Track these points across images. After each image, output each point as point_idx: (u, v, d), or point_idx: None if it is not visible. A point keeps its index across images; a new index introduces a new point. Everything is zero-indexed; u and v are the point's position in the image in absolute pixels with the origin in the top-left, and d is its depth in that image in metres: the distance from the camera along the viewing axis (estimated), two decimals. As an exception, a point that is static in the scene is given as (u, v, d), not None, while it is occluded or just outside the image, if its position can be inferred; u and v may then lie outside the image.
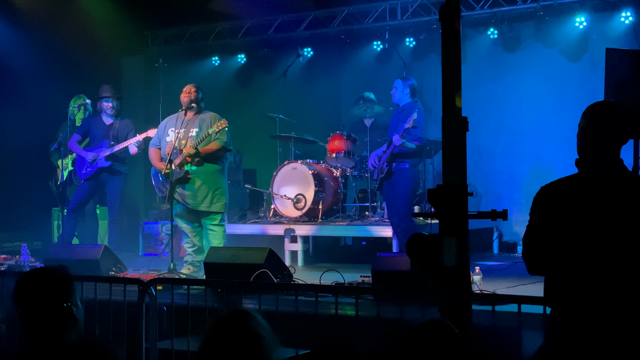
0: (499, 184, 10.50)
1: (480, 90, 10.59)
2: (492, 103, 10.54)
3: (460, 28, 3.76)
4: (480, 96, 10.59)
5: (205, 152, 7.38)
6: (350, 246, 10.39)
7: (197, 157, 7.38)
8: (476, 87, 10.57)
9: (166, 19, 11.82)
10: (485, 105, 10.56)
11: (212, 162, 7.50)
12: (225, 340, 2.36)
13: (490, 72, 10.55)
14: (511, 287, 6.43)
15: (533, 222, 3.31)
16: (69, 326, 2.86)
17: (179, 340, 4.67)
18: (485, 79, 10.54)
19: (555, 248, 3.23)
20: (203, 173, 7.47)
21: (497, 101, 10.54)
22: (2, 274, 5.68)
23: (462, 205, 3.59)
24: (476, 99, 10.57)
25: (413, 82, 8.03)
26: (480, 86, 10.59)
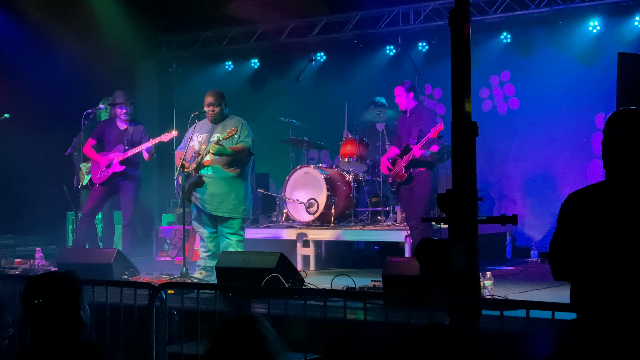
0: (512, 188, 10.47)
1: (493, 94, 10.58)
2: (505, 107, 10.52)
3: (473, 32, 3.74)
4: (493, 101, 10.58)
5: (232, 149, 7.38)
6: (363, 251, 10.38)
7: (221, 154, 7.35)
8: (489, 91, 10.57)
9: (180, 24, 11.88)
10: (498, 109, 10.54)
11: (232, 166, 7.50)
12: (231, 345, 2.37)
13: (503, 76, 10.52)
14: (523, 292, 6.40)
15: (560, 228, 3.30)
16: (77, 330, 2.88)
17: (189, 344, 4.68)
18: (498, 84, 10.52)
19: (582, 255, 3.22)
20: (220, 178, 7.48)
21: (510, 106, 10.51)
22: (15, 278, 5.74)
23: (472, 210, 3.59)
24: (489, 103, 10.58)
25: (411, 84, 8.05)
26: (493, 91, 10.58)
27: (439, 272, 3.54)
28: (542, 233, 9.98)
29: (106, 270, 7.04)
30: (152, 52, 12.49)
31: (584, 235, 3.21)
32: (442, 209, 3.62)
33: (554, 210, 10.47)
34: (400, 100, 8.01)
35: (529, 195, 10.30)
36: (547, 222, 9.94)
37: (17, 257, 8.96)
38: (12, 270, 8.21)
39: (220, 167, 7.47)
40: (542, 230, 10.00)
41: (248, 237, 8.41)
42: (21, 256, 9.10)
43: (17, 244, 10.04)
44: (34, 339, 2.89)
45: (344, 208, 9.36)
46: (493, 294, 5.92)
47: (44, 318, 2.87)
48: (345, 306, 4.49)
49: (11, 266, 8.47)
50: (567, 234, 3.26)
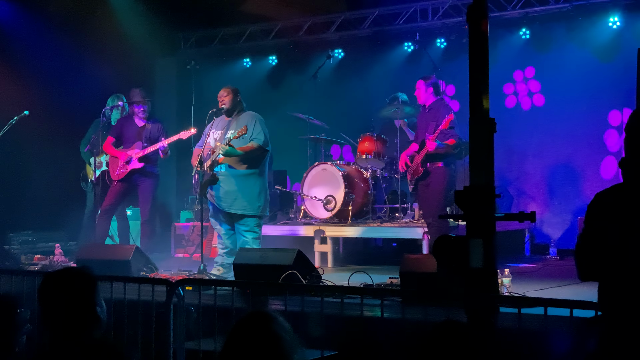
0: (531, 185, 10.41)
1: (512, 90, 10.53)
2: (528, 104, 10.46)
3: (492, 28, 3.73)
4: (510, 96, 10.53)
5: (241, 150, 7.39)
6: (381, 247, 10.36)
7: (230, 155, 7.38)
8: (508, 87, 10.52)
9: (198, 22, 11.93)
10: (517, 106, 10.49)
11: (246, 164, 7.51)
12: (246, 341, 2.37)
13: (522, 72, 10.47)
14: (542, 290, 6.37)
15: (587, 228, 3.27)
16: (93, 326, 2.90)
17: (206, 340, 4.69)
18: (517, 80, 10.46)
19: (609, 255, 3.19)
20: (234, 175, 7.49)
21: (529, 102, 10.45)
22: (34, 274, 5.78)
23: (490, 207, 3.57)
24: (508, 99, 10.52)
25: (435, 80, 7.99)
26: (512, 87, 10.52)
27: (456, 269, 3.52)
28: (561, 230, 9.92)
29: (124, 267, 7.07)
30: (171, 50, 12.56)
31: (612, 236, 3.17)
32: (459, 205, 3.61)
33: (572, 207, 10.45)
34: (419, 94, 7.99)
35: (548, 192, 10.24)
36: (566, 220, 9.88)
37: (36, 254, 9.02)
38: (31, 266, 8.29)
39: (233, 165, 7.48)
40: (561, 227, 9.95)
41: (265, 233, 8.43)
42: (41, 252, 9.17)
43: (36, 241, 10.10)
44: (51, 335, 2.91)
45: (361, 205, 9.35)
46: (511, 292, 5.90)
47: (59, 314, 2.88)
48: (362, 303, 4.49)
49: (31, 262, 8.54)
50: (594, 234, 3.23)
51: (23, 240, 9.93)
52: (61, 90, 10.47)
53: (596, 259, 3.22)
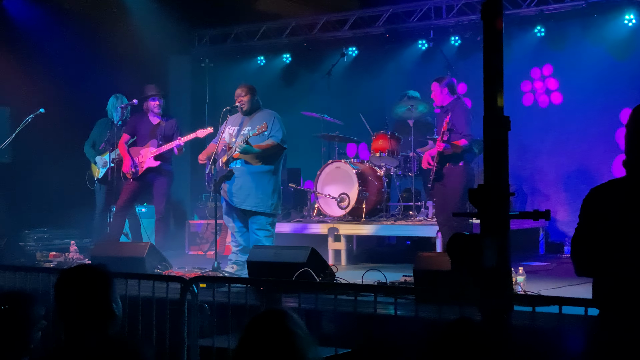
0: (545, 184, 10.38)
1: (526, 88, 10.50)
2: (538, 101, 10.43)
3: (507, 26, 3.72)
4: (526, 94, 10.50)
5: (259, 148, 7.41)
6: (394, 245, 10.36)
7: (248, 152, 7.39)
8: (522, 85, 10.48)
9: (212, 19, 11.96)
10: (535, 103, 10.45)
11: (262, 161, 7.52)
12: (261, 338, 2.38)
13: (537, 70, 10.43)
14: (556, 288, 6.35)
15: (582, 223, 3.27)
16: (108, 322, 2.92)
17: (220, 338, 4.71)
18: (528, 77, 10.43)
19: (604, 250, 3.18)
20: (249, 172, 7.51)
21: (543, 100, 10.42)
22: (49, 270, 5.82)
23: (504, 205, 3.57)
24: (522, 97, 10.49)
25: (449, 80, 7.93)
26: (526, 84, 10.49)
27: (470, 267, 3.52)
28: (576, 229, 9.88)
29: (139, 264, 7.09)
30: (185, 48, 12.60)
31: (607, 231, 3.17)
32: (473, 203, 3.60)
33: (587, 205, 10.30)
34: (434, 96, 7.96)
35: (562, 190, 10.20)
36: (581, 218, 9.83)
37: (52, 251, 9.07)
38: (47, 263, 8.34)
39: (249, 161, 7.49)
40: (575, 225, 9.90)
41: (279, 231, 8.44)
42: (56, 249, 9.21)
43: (52, 238, 10.16)
44: (67, 331, 2.93)
45: (375, 203, 9.34)
46: (525, 290, 5.88)
47: (75, 310, 2.90)
48: (375, 301, 4.49)
49: (46, 259, 8.58)
50: (590, 230, 3.23)
51: (38, 238, 9.99)
52: (76, 88, 10.51)
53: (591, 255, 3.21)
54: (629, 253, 3.13)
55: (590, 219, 3.24)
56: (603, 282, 3.24)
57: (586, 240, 3.24)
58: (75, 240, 9.27)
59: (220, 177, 7.50)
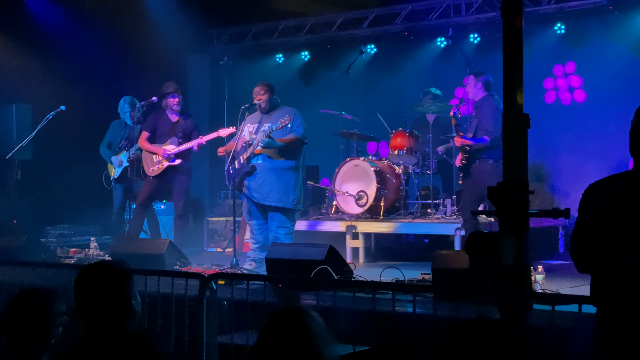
0: (565, 182, 10.31)
1: (549, 85, 10.44)
2: (560, 99, 10.37)
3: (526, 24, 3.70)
4: (549, 92, 10.44)
5: (281, 142, 7.43)
6: (412, 243, 10.33)
7: (270, 146, 7.42)
8: (541, 82, 10.43)
9: (231, 17, 11.99)
10: (553, 101, 10.40)
11: (283, 156, 7.54)
12: (279, 336, 2.39)
13: (557, 67, 10.37)
14: (576, 287, 6.31)
15: (581, 220, 3.26)
16: (127, 318, 2.93)
17: (239, 334, 4.72)
18: (550, 75, 10.37)
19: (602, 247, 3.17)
20: (271, 168, 7.52)
21: (563, 97, 10.36)
22: (69, 266, 5.86)
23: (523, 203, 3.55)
24: (541, 94, 10.43)
25: (487, 78, 7.83)
26: (545, 82, 10.43)
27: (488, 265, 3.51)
28: (596, 227, 9.81)
29: (158, 261, 7.13)
30: (204, 46, 12.64)
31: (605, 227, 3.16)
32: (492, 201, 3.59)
33: (607, 204, 10.23)
34: (468, 89, 7.90)
35: (582, 188, 10.10)
36: (600, 216, 9.76)
37: (72, 247, 9.14)
38: (67, 259, 8.40)
39: (271, 156, 7.51)
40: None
41: (297, 229, 8.43)
42: (76, 246, 9.28)
43: (72, 234, 10.23)
44: (87, 327, 2.95)
45: (393, 200, 9.33)
46: (544, 288, 5.85)
47: (95, 306, 2.93)
48: (394, 299, 4.48)
49: (67, 255, 8.65)
50: (589, 226, 3.21)
51: (59, 234, 10.07)
52: (96, 86, 10.58)
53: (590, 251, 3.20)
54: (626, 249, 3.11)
55: (588, 215, 3.23)
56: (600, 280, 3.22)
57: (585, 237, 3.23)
58: (95, 236, 9.33)
59: (242, 174, 7.53)
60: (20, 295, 3.36)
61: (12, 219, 9.69)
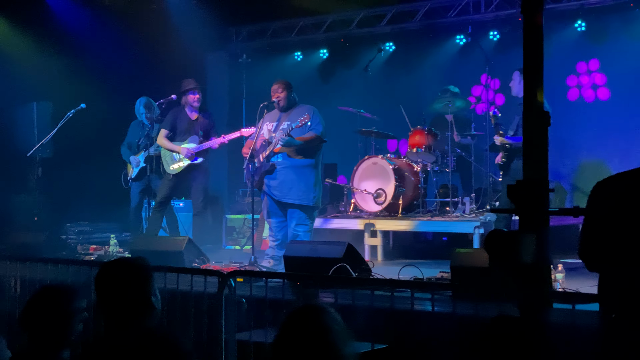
0: (585, 180, 10.24)
1: (567, 83, 10.37)
2: (578, 96, 10.30)
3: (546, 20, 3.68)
4: (566, 89, 10.37)
5: (301, 140, 7.44)
6: (431, 241, 10.31)
7: (290, 144, 7.43)
8: (562, 80, 10.36)
9: (250, 15, 12.00)
10: (571, 98, 10.33)
11: (303, 154, 7.55)
12: (298, 333, 2.39)
13: (577, 65, 10.31)
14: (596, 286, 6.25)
15: (589, 218, 3.24)
16: (147, 315, 2.95)
17: (257, 332, 4.73)
18: (571, 72, 10.31)
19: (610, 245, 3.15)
20: (291, 166, 7.54)
21: (583, 94, 10.29)
22: (90, 263, 5.90)
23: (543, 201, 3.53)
24: (562, 92, 10.37)
25: None
26: (566, 79, 10.37)
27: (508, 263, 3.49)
28: (616, 226, 9.73)
29: (177, 258, 7.15)
30: (223, 44, 12.66)
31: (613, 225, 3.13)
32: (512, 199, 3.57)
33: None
34: (512, 85, 7.86)
35: (603, 187, 10.04)
36: (621, 215, 9.69)
37: (92, 244, 9.19)
38: (87, 256, 8.46)
39: (290, 155, 7.52)
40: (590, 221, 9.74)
41: (315, 226, 8.44)
42: (96, 243, 9.34)
43: (92, 231, 10.29)
44: (107, 324, 2.97)
45: (412, 198, 9.32)
46: (564, 287, 5.82)
47: (115, 302, 2.94)
48: (412, 297, 4.48)
49: (87, 252, 8.71)
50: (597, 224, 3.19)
51: (79, 231, 10.13)
52: (115, 83, 10.63)
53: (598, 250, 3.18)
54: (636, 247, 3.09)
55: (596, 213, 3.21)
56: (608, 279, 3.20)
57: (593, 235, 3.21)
58: (115, 234, 9.37)
59: (262, 172, 7.54)
60: (42, 291, 3.39)
61: (33, 216, 9.75)
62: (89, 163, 10.52)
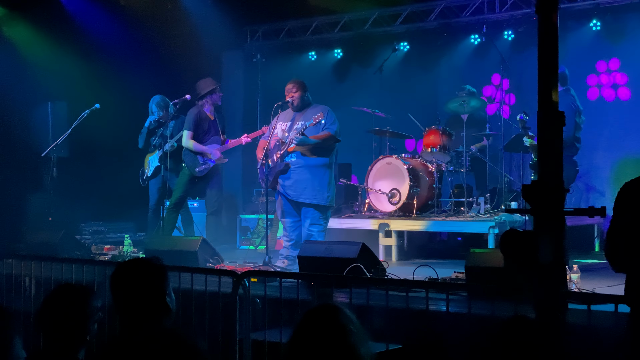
0: (601, 180, 10.19)
1: (582, 83, 10.31)
2: (594, 96, 10.24)
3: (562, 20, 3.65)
4: (583, 89, 10.31)
5: (315, 139, 7.44)
6: (446, 242, 10.28)
7: (304, 143, 7.42)
8: (577, 80, 10.29)
9: (265, 15, 12.01)
10: (587, 98, 10.27)
11: (317, 154, 7.56)
12: (314, 334, 2.38)
13: (593, 64, 10.24)
14: (611, 287, 6.22)
15: (616, 218, 3.22)
16: (163, 315, 2.95)
17: (272, 332, 4.74)
18: (587, 72, 10.24)
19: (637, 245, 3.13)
20: (305, 165, 7.54)
21: (599, 94, 10.23)
22: (104, 263, 5.92)
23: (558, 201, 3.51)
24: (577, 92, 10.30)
25: (562, 70, 7.67)
26: (582, 79, 10.30)
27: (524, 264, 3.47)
28: (632, 226, 9.66)
29: (192, 258, 7.16)
30: (238, 43, 12.68)
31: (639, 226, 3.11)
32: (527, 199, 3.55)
33: (645, 202, 10.13)
34: None
35: (618, 187, 9.97)
36: (636, 215, 9.62)
37: (106, 244, 9.22)
38: (102, 256, 8.47)
39: (304, 154, 7.53)
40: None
41: (330, 226, 8.44)
42: (110, 243, 9.37)
43: (106, 231, 10.34)
44: (123, 324, 2.97)
45: (426, 198, 9.29)
46: (580, 288, 5.79)
47: (131, 302, 2.94)
48: (427, 297, 4.47)
49: (101, 252, 8.72)
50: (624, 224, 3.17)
51: (94, 231, 10.18)
52: (130, 83, 10.66)
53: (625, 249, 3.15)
54: None
55: (624, 213, 3.19)
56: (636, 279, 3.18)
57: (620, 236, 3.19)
58: (129, 234, 9.41)
59: (276, 172, 7.55)
60: (59, 290, 3.39)
61: (47, 216, 9.80)
62: (103, 163, 10.57)
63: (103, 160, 10.55)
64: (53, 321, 3.21)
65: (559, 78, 7.61)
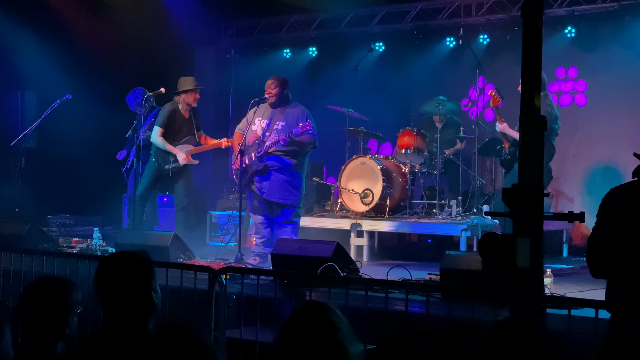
0: (570, 186, 10.30)
1: (554, 89, 10.41)
2: (565, 103, 10.35)
3: (542, 26, 3.69)
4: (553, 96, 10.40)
5: (300, 140, 7.42)
6: (415, 243, 10.31)
7: (291, 145, 7.40)
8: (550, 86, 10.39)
9: (240, 11, 11.94)
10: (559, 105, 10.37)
11: (293, 156, 7.55)
12: (303, 331, 2.36)
13: (565, 70, 10.35)
14: (582, 292, 6.29)
15: (599, 224, 3.24)
16: (148, 311, 2.89)
17: (247, 329, 4.70)
18: (560, 78, 10.35)
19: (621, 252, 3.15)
20: (282, 166, 7.54)
21: (565, 99, 10.35)
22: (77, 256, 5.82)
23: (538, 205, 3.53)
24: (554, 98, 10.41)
25: None
26: (554, 85, 10.41)
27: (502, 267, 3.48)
28: (600, 232, 9.78)
29: (163, 253, 7.09)
30: (211, 38, 12.58)
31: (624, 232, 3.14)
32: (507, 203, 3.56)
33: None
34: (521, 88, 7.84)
35: (588, 193, 10.11)
36: (605, 222, 9.73)
37: (74, 237, 9.09)
38: (69, 249, 8.34)
39: (282, 156, 7.52)
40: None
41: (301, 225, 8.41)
42: (78, 236, 9.23)
43: (74, 224, 10.20)
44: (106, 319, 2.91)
45: (399, 200, 9.30)
46: (552, 292, 5.83)
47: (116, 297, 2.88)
48: (407, 298, 4.47)
49: (69, 245, 8.59)
50: (607, 231, 3.20)
51: (61, 223, 10.03)
52: (102, 75, 10.55)
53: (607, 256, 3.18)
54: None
55: (607, 219, 3.21)
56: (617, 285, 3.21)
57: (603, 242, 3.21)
58: (98, 227, 9.28)
59: (253, 171, 7.52)
60: (39, 282, 3.32)
61: (14, 207, 9.66)
62: (73, 155, 10.42)
63: (72, 151, 10.38)
64: (34, 313, 3.14)
65: (541, 83, 7.64)
